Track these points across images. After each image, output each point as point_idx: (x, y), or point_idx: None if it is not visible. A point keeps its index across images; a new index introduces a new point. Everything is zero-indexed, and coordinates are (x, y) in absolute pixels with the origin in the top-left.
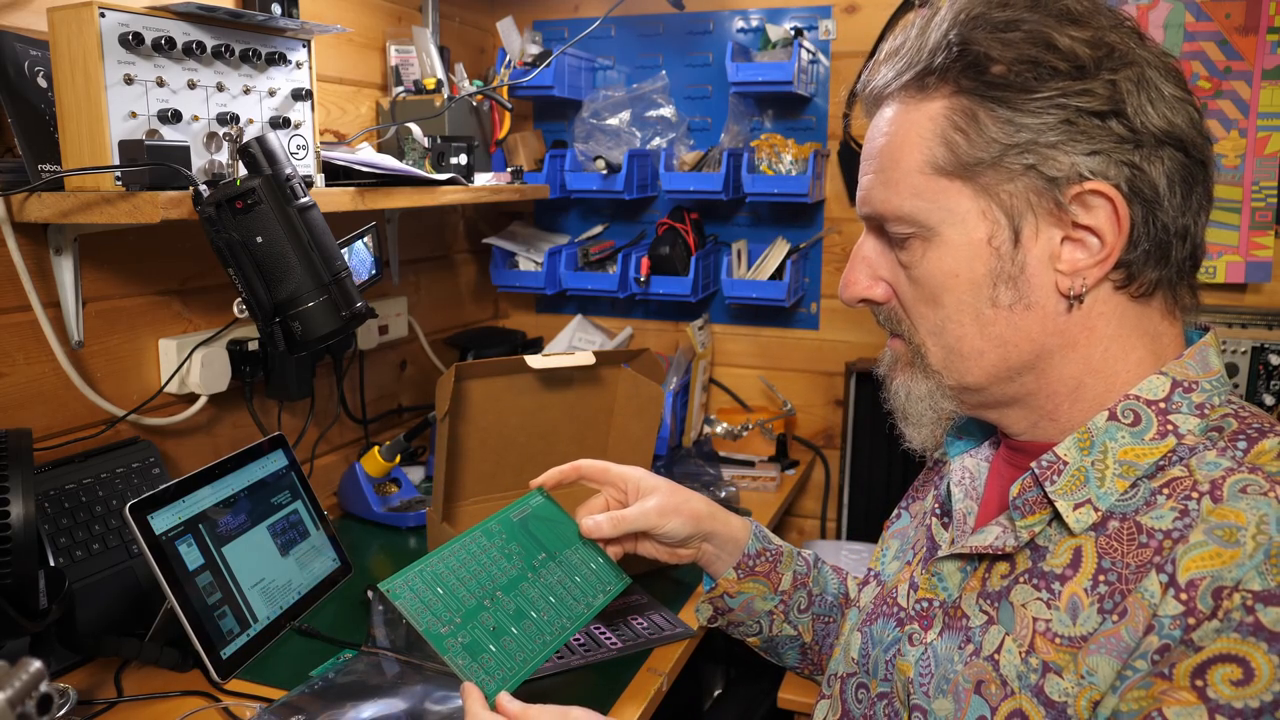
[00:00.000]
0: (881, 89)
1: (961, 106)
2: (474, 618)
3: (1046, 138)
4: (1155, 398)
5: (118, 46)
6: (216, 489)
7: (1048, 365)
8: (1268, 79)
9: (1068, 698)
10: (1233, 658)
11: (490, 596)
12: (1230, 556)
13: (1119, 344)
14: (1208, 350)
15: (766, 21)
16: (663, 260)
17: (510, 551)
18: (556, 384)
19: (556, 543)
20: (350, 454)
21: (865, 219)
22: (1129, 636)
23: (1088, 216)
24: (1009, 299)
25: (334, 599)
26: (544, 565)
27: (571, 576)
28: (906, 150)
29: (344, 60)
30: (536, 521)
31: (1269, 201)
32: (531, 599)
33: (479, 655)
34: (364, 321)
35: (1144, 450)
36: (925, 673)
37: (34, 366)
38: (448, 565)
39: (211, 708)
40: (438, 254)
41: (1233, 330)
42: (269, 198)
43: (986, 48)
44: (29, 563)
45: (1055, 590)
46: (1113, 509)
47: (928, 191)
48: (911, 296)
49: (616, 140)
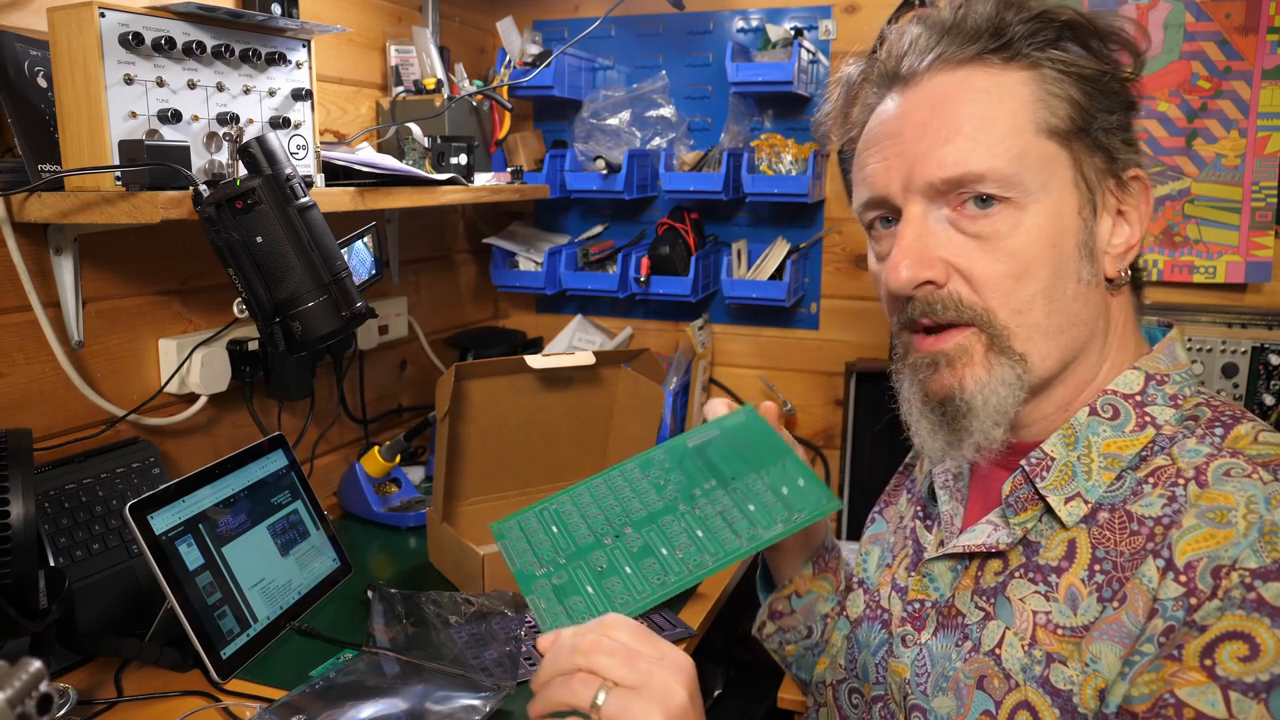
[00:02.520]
0: (941, 56)
1: (1053, 77)
2: (583, 556)
3: (1112, 120)
4: (1131, 391)
5: (118, 46)
6: (216, 489)
7: (1087, 351)
8: (1268, 79)
9: (1073, 686)
10: (1238, 635)
11: (616, 533)
12: (1224, 536)
13: (1123, 335)
14: (1174, 345)
15: (766, 21)
16: (663, 260)
17: (666, 483)
18: (556, 384)
19: (740, 466)
20: (350, 454)
21: (929, 187)
22: (1130, 622)
23: (1131, 201)
24: (1088, 275)
25: (334, 599)
26: (709, 495)
27: (744, 504)
28: (1006, 111)
29: (344, 60)
30: (721, 446)
31: (1269, 201)
32: (670, 534)
33: (567, 598)
34: (364, 321)
35: (1126, 442)
36: (921, 672)
37: (34, 366)
38: (577, 502)
39: (211, 708)
40: (438, 254)
41: (1233, 330)
42: (269, 198)
43: (1060, 30)
44: (29, 563)
45: (1053, 583)
46: (1101, 500)
47: (1032, 153)
48: (993, 272)
49: (616, 140)
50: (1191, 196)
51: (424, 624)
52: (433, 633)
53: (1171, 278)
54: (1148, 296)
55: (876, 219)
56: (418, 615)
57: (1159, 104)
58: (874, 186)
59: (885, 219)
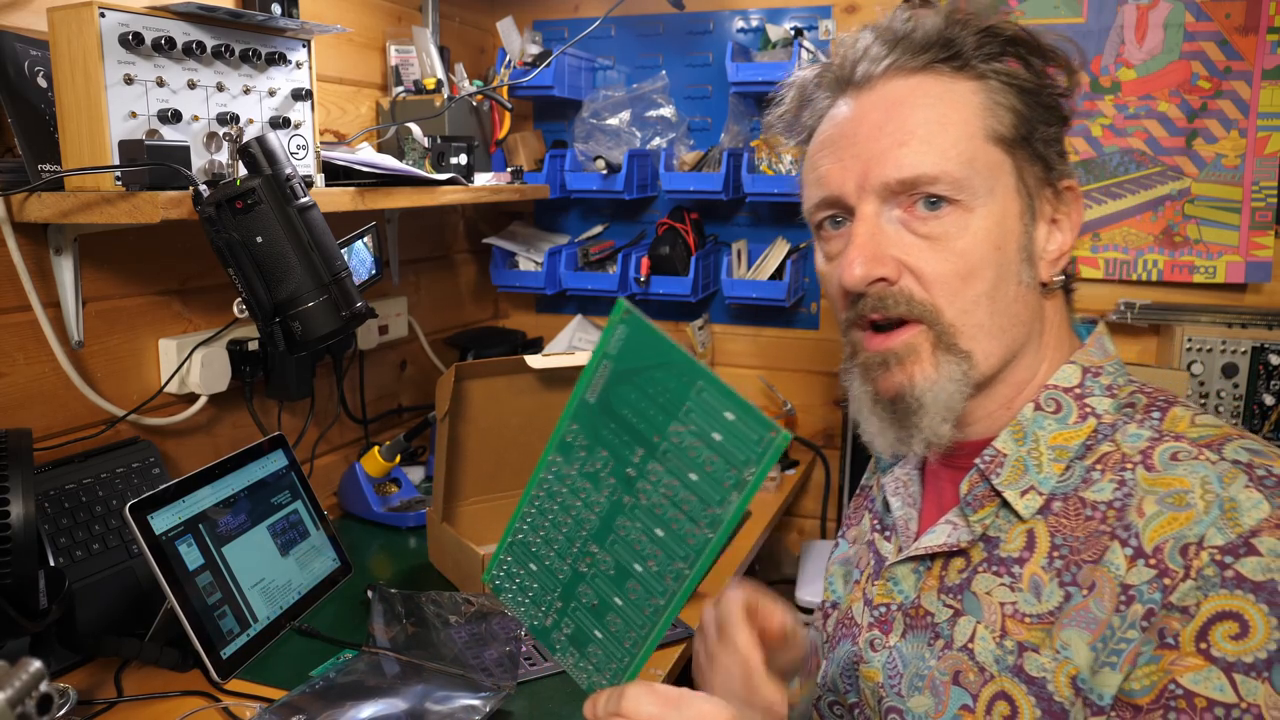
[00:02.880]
0: (894, 63)
1: (998, 88)
2: (573, 594)
3: (1050, 132)
4: (1070, 385)
5: (118, 46)
6: (216, 489)
7: (1025, 350)
8: (1268, 79)
9: (1046, 673)
10: (1228, 614)
11: (585, 556)
12: (1186, 517)
13: (1057, 335)
14: (1103, 338)
15: (766, 21)
16: (663, 260)
17: (596, 468)
18: (556, 384)
19: (655, 414)
20: (350, 454)
21: (883, 187)
22: (1097, 609)
23: (1065, 209)
24: (1027, 278)
25: (334, 599)
26: (644, 473)
27: (685, 475)
28: (958, 118)
29: (344, 60)
30: (621, 387)
31: (1269, 201)
32: (633, 542)
33: (586, 649)
34: (364, 321)
35: (1071, 434)
36: (894, 674)
37: (34, 366)
38: (533, 525)
39: (211, 708)
40: (438, 254)
41: (1233, 330)
42: (269, 198)
43: (1004, 45)
44: (29, 563)
45: (1016, 573)
46: (1055, 490)
47: (980, 159)
48: (943, 271)
49: (616, 140)
50: (1191, 196)
51: (424, 624)
52: (433, 633)
53: (1171, 278)
54: (1146, 295)
55: (826, 219)
56: (418, 615)
57: (1159, 104)
58: (828, 186)
59: (835, 219)
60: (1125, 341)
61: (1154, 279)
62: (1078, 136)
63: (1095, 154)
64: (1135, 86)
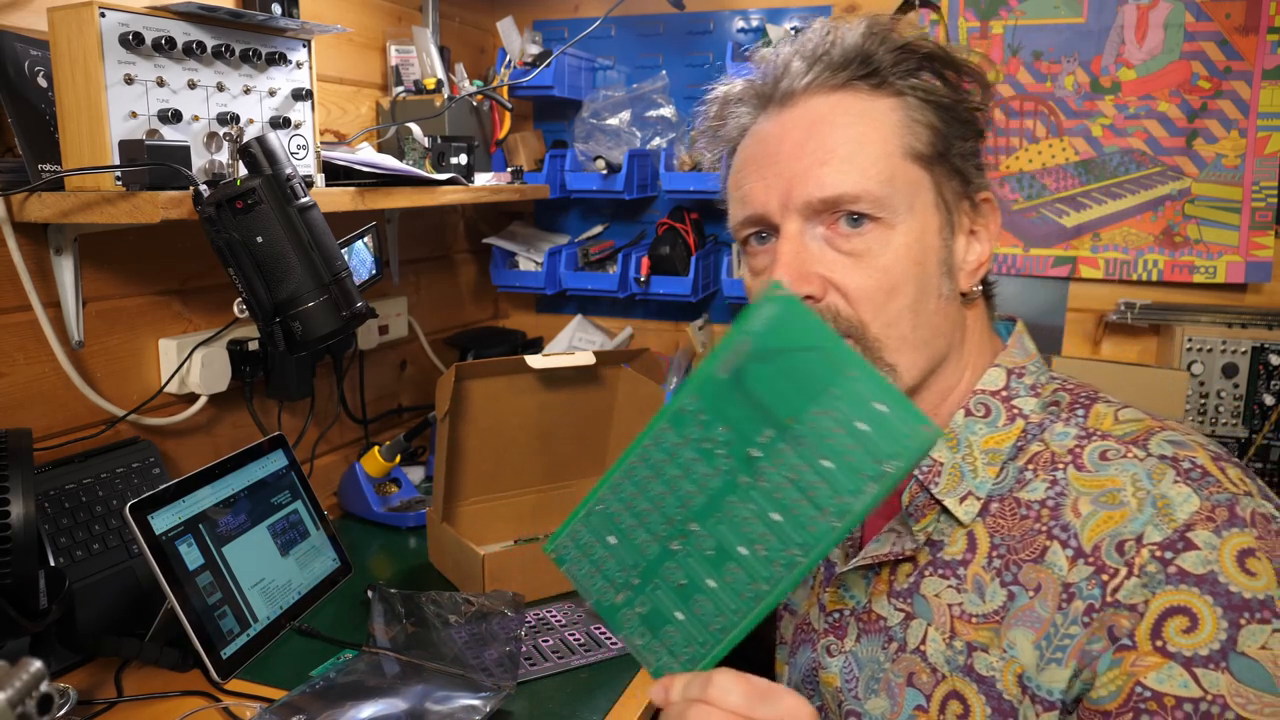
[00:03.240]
0: (813, 81)
1: (915, 104)
2: (657, 572)
3: (967, 146)
4: (996, 388)
5: (118, 46)
6: (216, 489)
7: (948, 360)
8: (1268, 79)
9: (995, 671)
10: (1176, 609)
11: (681, 533)
12: (1120, 515)
13: (979, 342)
14: (1023, 337)
15: (766, 21)
16: (663, 260)
17: (712, 443)
18: (556, 384)
19: (795, 396)
20: (350, 454)
21: (806, 206)
22: (1041, 609)
23: (982, 221)
24: (947, 290)
25: (334, 599)
26: (770, 454)
27: (817, 460)
28: (877, 136)
29: (344, 60)
30: (761, 366)
31: (1269, 201)
32: (742, 524)
33: (660, 630)
34: (364, 321)
35: (1001, 436)
36: (850, 678)
37: (34, 366)
38: (622, 497)
39: (211, 708)
40: (438, 254)
41: (1233, 330)
42: (269, 198)
43: (920, 61)
44: (29, 563)
45: (961, 575)
46: (991, 493)
47: (900, 177)
48: (867, 286)
49: (616, 140)
50: (1192, 196)
51: (424, 624)
52: (433, 633)
53: (1171, 278)
54: (1146, 295)
55: (752, 235)
56: (418, 615)
57: (1159, 104)
58: (752, 205)
59: (760, 235)
60: (1125, 341)
61: (1154, 279)
62: (1078, 136)
63: (1095, 154)
64: (1135, 86)
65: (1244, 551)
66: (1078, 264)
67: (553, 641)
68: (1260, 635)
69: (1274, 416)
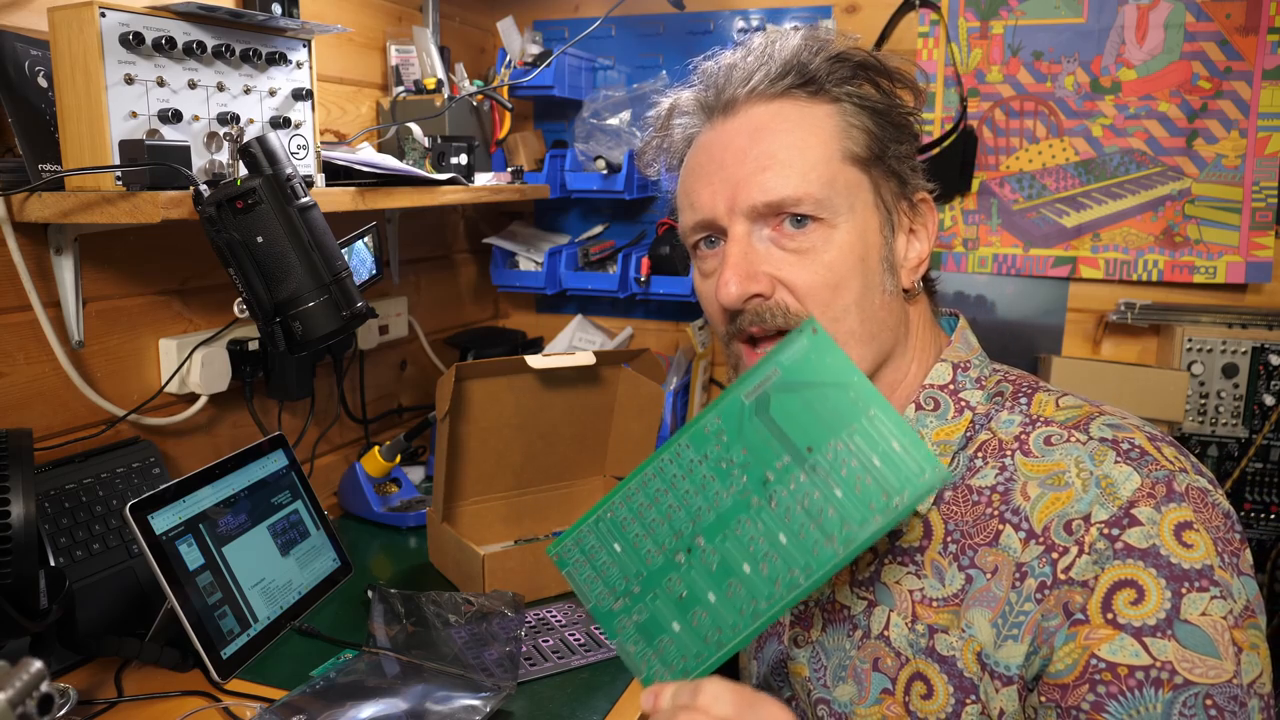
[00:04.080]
0: (755, 89)
1: (851, 110)
2: (658, 583)
3: (902, 149)
4: (944, 382)
5: (118, 46)
6: (217, 489)
7: (894, 354)
8: (1268, 79)
9: (954, 651)
10: (1124, 583)
11: (687, 546)
12: (1067, 496)
13: (923, 337)
14: (966, 332)
15: (766, 21)
16: (663, 260)
17: (729, 464)
18: (556, 384)
19: (816, 428)
20: (350, 454)
21: (751, 210)
22: (997, 589)
23: (920, 220)
24: (890, 286)
25: (334, 599)
26: (784, 478)
27: (830, 489)
28: (816, 141)
29: (344, 60)
30: (786, 397)
31: (1269, 202)
32: (749, 542)
33: (655, 639)
34: (364, 321)
35: (951, 428)
36: (818, 667)
37: (34, 366)
38: (633, 506)
39: (212, 708)
40: (438, 254)
41: (1233, 330)
42: (269, 197)
43: (854, 69)
44: (29, 563)
45: (919, 561)
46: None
47: (840, 179)
48: (813, 282)
49: (617, 140)
50: (1192, 197)
51: (424, 624)
52: (433, 633)
53: (1172, 278)
54: (1146, 295)
55: (702, 240)
56: (418, 615)
57: (1159, 104)
58: (700, 210)
59: (710, 239)
60: (1125, 342)
61: (1154, 279)
62: (1078, 137)
63: (1095, 154)
64: (1135, 87)
65: (1181, 524)
66: (1078, 264)
67: (553, 641)
68: (1200, 602)
69: (1274, 416)
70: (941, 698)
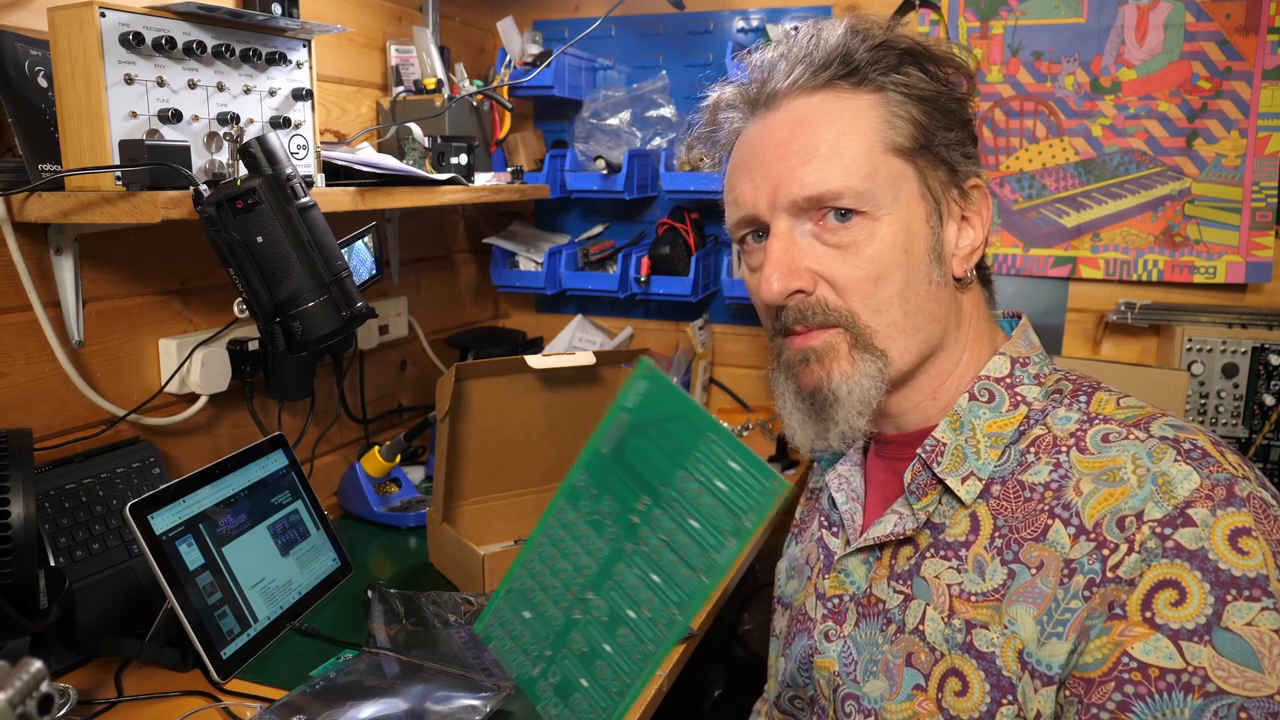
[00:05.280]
0: (797, 82)
1: (896, 99)
2: (564, 642)
3: (951, 136)
4: (1001, 375)
5: (118, 46)
6: (216, 489)
7: (944, 344)
8: (1268, 79)
9: (995, 648)
10: (1168, 583)
11: (580, 603)
12: (1121, 493)
13: (976, 327)
14: (1028, 330)
15: (766, 21)
16: (663, 260)
17: (601, 515)
18: (556, 384)
19: (664, 463)
20: (350, 454)
21: (792, 205)
22: (1043, 585)
23: (973, 208)
24: (938, 277)
25: (334, 599)
26: (648, 519)
27: (686, 521)
28: (857, 133)
29: (344, 60)
30: (636, 439)
31: (1269, 202)
32: (629, 588)
33: (570, 698)
34: (364, 321)
35: (1004, 421)
36: (849, 662)
37: (34, 366)
38: (532, 573)
39: (212, 708)
40: (438, 254)
41: (1233, 330)
42: (269, 197)
43: (900, 57)
44: (29, 563)
45: (962, 556)
46: (993, 475)
47: (882, 171)
48: (855, 277)
49: (616, 140)
50: (1192, 197)
51: (424, 624)
52: (433, 633)
53: (1172, 278)
54: (1146, 295)
55: (748, 235)
56: (418, 615)
57: (1159, 104)
58: (743, 206)
59: (756, 234)
60: (1125, 341)
61: (1154, 279)
62: (1078, 136)
63: (1095, 154)
64: (1135, 86)
65: (1238, 530)
66: (1078, 264)
67: None
68: (1247, 612)
69: (1274, 416)
70: (976, 695)
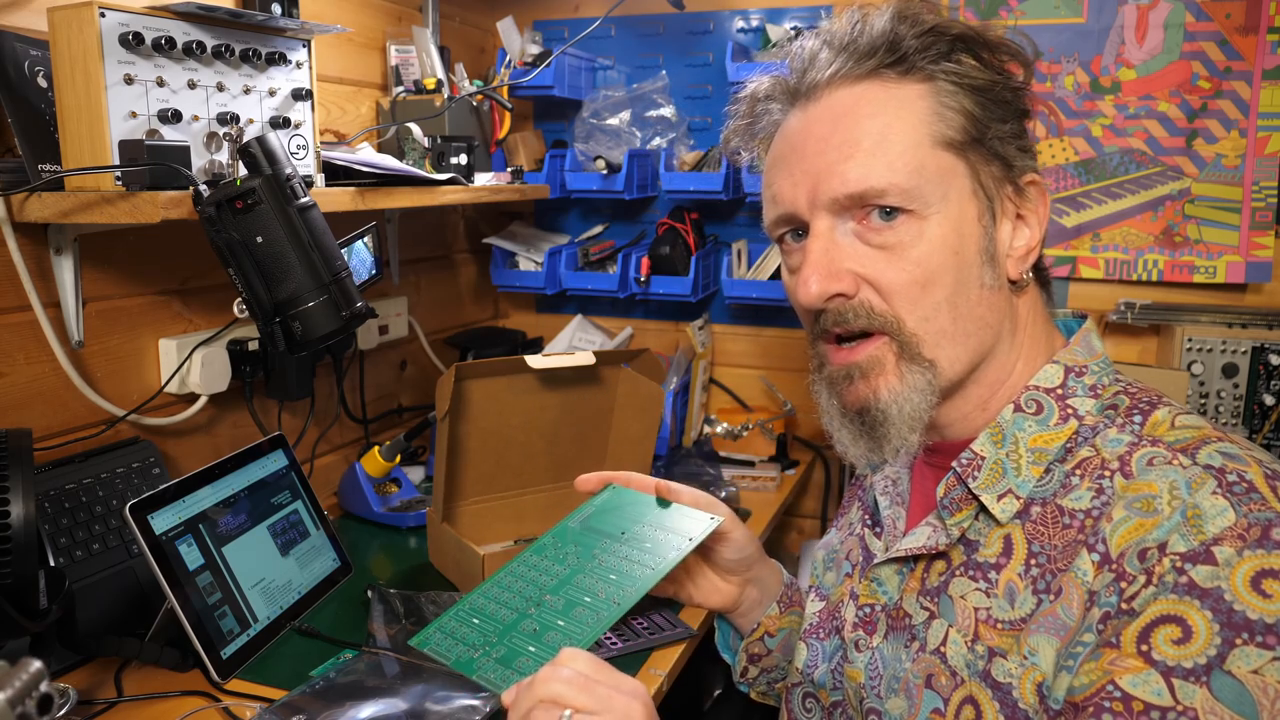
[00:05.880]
0: (839, 71)
1: (947, 89)
2: (514, 629)
3: (1006, 129)
4: (1052, 385)
5: (118, 46)
6: (216, 489)
7: (996, 350)
8: (1268, 79)
9: (1012, 679)
10: (1170, 618)
11: (537, 601)
12: (1152, 524)
13: (1032, 333)
14: (1090, 335)
15: (766, 21)
16: (663, 260)
17: (565, 555)
18: (556, 384)
19: (625, 522)
20: (350, 454)
21: (833, 202)
22: (1065, 615)
23: (1029, 205)
24: (990, 280)
25: (334, 599)
26: (608, 550)
27: (642, 544)
28: (904, 125)
29: (344, 60)
30: (601, 515)
31: (1269, 201)
32: (587, 586)
33: (514, 661)
34: (364, 321)
35: (1051, 436)
36: (875, 676)
37: (34, 366)
38: (489, 595)
39: (211, 708)
40: (438, 254)
41: (1233, 330)
42: (269, 197)
43: (952, 43)
44: (29, 563)
45: (992, 579)
46: (1033, 495)
47: (930, 166)
48: (901, 280)
49: (616, 140)
50: (1192, 197)
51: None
52: None
53: (1171, 278)
54: (1146, 295)
55: (786, 234)
56: (418, 615)
57: (1159, 104)
58: (781, 204)
59: (795, 233)
60: (1125, 341)
61: (1154, 279)
62: (1078, 136)
63: (1095, 154)
64: (1135, 86)
65: (1264, 572)
66: (1078, 264)
67: None
68: (1256, 659)
69: (1274, 416)
70: None
